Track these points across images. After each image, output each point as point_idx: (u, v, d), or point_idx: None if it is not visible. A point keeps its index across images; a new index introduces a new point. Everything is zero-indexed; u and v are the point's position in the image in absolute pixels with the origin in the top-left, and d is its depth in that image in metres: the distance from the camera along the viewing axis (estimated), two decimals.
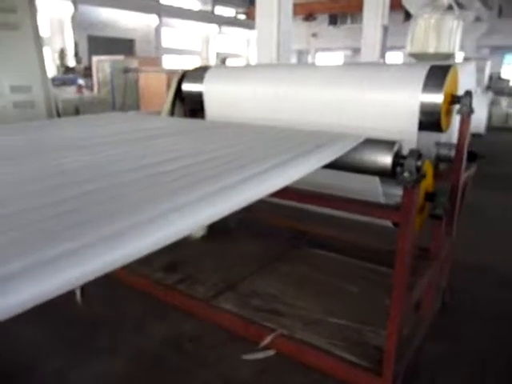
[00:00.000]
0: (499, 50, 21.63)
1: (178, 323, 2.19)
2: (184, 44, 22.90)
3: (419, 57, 6.63)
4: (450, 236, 2.32)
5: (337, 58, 23.37)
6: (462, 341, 2.13)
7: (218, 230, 3.16)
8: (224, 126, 2.10)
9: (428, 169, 2.01)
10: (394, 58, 19.43)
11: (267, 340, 1.98)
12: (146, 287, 2.46)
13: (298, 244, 2.95)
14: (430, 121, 2.11)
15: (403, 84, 2.12)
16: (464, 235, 2.88)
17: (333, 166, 1.62)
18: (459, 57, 7.07)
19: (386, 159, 1.46)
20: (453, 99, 2.17)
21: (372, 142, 1.51)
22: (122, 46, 19.64)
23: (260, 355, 1.95)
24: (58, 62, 15.71)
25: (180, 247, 2.94)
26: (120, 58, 9.28)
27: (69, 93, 6.31)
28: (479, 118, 2.73)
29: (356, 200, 1.68)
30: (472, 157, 2.59)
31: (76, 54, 16.70)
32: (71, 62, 16.06)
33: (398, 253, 1.53)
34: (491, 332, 2.21)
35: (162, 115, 3.07)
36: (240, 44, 22.48)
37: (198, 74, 2.96)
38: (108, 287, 2.54)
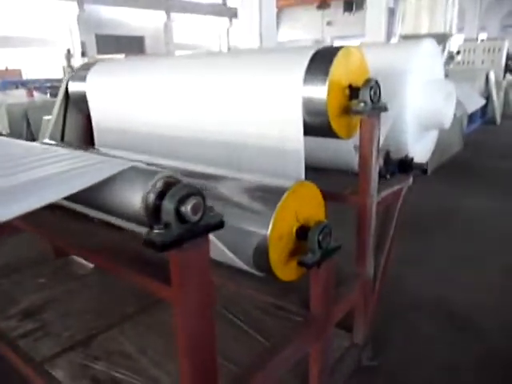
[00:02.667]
0: None
1: None
2: (196, 39, 22.38)
3: (411, 39, 5.85)
4: (362, 276, 1.72)
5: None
6: None
7: None
8: None
9: (308, 191, 1.43)
10: None
11: None
12: None
13: None
14: (316, 123, 1.53)
15: (281, 74, 1.54)
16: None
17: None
18: (457, 37, 6.23)
19: (134, 200, 0.90)
20: (353, 92, 1.56)
21: (129, 173, 0.94)
22: (132, 43, 19.35)
23: None
24: (65, 63, 15.57)
25: (66, 279, 2.45)
26: (117, 56, 8.92)
27: (17, 97, 5.89)
28: (442, 112, 2.11)
29: (126, 260, 1.13)
30: (405, 167, 1.96)
31: (83, 54, 16.52)
32: (78, 63, 15.89)
33: (178, 337, 0.97)
34: None
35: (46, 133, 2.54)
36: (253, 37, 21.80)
37: (84, 72, 2.46)
38: None
